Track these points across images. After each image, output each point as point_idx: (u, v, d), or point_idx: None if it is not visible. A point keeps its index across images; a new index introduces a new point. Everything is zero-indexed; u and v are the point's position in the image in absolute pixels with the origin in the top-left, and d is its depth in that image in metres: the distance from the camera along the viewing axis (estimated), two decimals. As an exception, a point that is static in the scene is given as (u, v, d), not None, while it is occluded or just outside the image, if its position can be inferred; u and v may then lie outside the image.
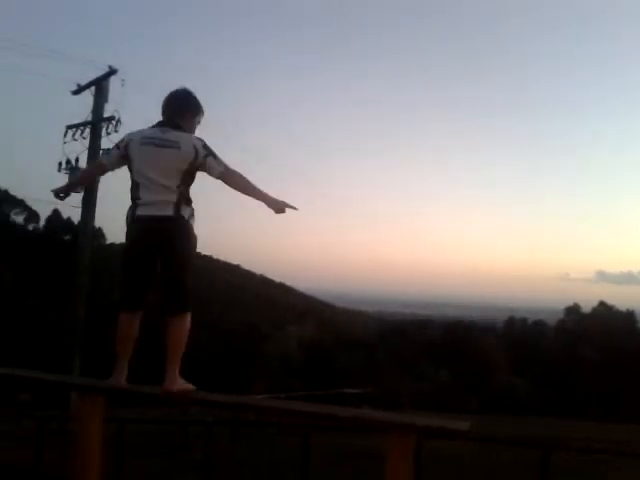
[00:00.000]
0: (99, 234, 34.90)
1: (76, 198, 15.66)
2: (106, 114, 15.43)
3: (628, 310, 55.07)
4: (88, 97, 15.62)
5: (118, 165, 3.35)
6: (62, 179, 15.68)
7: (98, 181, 15.47)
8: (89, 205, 15.48)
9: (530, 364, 43.58)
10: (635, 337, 47.73)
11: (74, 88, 15.76)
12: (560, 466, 7.93)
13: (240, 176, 3.23)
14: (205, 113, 3.49)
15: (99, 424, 3.46)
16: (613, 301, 57.35)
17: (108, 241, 40.82)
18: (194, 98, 3.42)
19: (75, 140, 15.56)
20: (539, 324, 57.21)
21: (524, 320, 59.01)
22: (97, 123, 15.31)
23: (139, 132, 3.32)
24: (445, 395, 36.25)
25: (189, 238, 3.20)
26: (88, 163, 15.44)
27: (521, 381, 41.06)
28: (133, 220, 3.20)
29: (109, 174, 3.59)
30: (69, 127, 15.61)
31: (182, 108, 3.36)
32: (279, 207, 3.22)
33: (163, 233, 3.16)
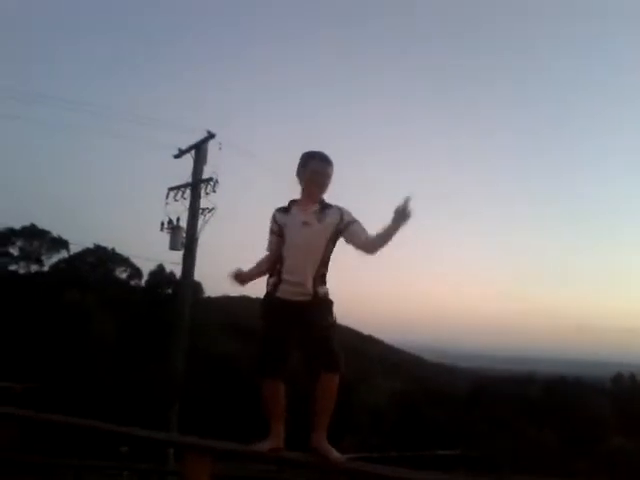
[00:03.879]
0: (197, 288, 36.17)
1: (177, 255, 16.44)
2: (204, 176, 16.24)
3: None
4: (188, 160, 16.55)
5: None
6: (164, 238, 16.54)
7: (198, 238, 16.23)
8: (189, 262, 16.16)
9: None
10: None
11: (175, 152, 16.75)
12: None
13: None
14: (316, 159, 3.47)
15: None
16: None
17: (206, 295, 42.54)
18: (299, 159, 3.54)
19: (176, 201, 16.45)
20: (651, 381, 53.13)
21: (633, 376, 55.04)
22: (196, 184, 16.12)
23: None
24: (548, 457, 34.02)
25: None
26: (188, 223, 16.25)
27: (633, 443, 37.93)
28: None
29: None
30: (171, 189, 16.53)
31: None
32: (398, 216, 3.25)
33: None
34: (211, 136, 16.26)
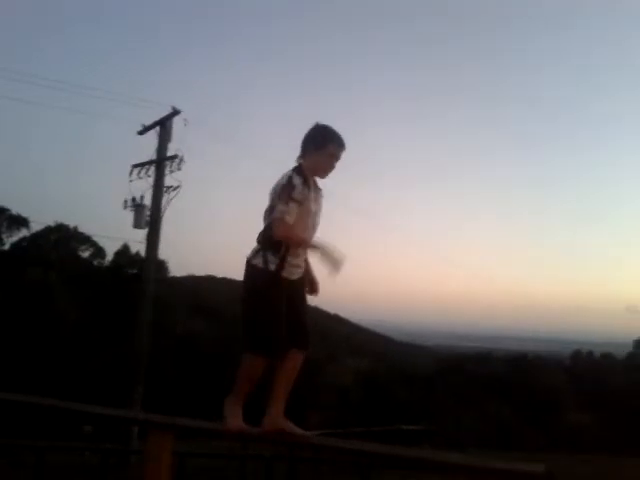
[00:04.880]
0: (162, 267, 35.83)
1: (141, 234, 16.21)
2: (169, 153, 16.00)
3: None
4: (153, 137, 16.25)
5: None
6: (128, 216, 16.28)
7: (162, 216, 16.00)
8: (153, 240, 15.95)
9: (599, 399, 41.65)
10: None
11: (140, 129, 16.43)
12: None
13: (281, 237, 3.17)
14: (336, 143, 3.33)
15: (168, 461, 3.53)
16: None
17: (171, 274, 42.22)
18: (316, 131, 3.36)
19: (140, 178, 16.18)
20: (607, 357, 54.84)
21: (590, 353, 56.73)
22: (161, 162, 15.87)
23: None
24: (510, 432, 34.96)
25: (249, 281, 3.28)
26: (152, 201, 16.01)
27: (590, 417, 39.23)
28: None
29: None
30: (135, 166, 16.24)
31: (302, 146, 3.37)
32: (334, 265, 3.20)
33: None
34: (176, 112, 15.99)
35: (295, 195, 3.16)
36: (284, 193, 3.15)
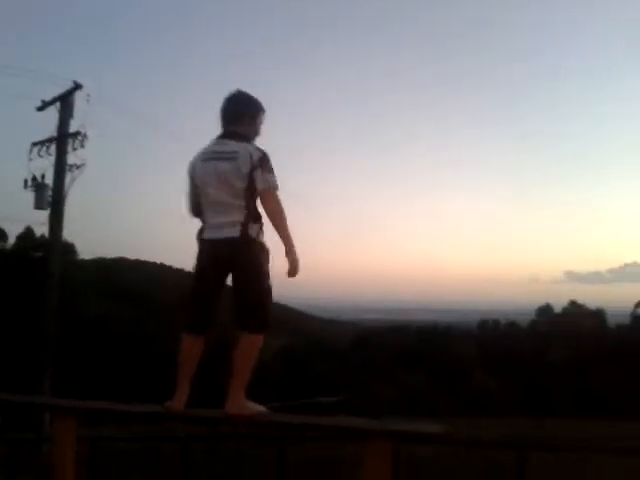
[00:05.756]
0: (70, 250, 34.40)
1: (44, 215, 15.48)
2: (72, 130, 15.28)
3: (598, 309, 56.32)
4: (53, 113, 15.46)
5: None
6: (29, 197, 15.49)
7: (65, 196, 15.33)
8: (56, 221, 15.27)
9: (505, 365, 44.11)
10: (605, 334, 48.99)
11: (38, 104, 15.58)
12: (537, 466, 8.02)
13: (277, 209, 3.04)
14: (264, 110, 3.26)
15: (72, 445, 3.43)
16: (583, 300, 58.52)
17: (80, 257, 40.48)
18: (249, 98, 3.23)
19: (41, 157, 15.40)
20: (512, 325, 57.91)
21: (497, 322, 59.60)
22: (63, 139, 15.14)
23: (201, 150, 3.19)
24: (422, 400, 36.43)
25: (257, 257, 3.07)
26: (54, 180, 15.29)
27: (496, 383, 41.51)
28: (201, 243, 3.16)
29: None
30: (34, 144, 15.43)
31: (239, 113, 3.18)
32: (292, 268, 3.06)
33: (231, 256, 3.06)
34: (78, 87, 15.24)
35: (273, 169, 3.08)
36: (269, 164, 3.04)
